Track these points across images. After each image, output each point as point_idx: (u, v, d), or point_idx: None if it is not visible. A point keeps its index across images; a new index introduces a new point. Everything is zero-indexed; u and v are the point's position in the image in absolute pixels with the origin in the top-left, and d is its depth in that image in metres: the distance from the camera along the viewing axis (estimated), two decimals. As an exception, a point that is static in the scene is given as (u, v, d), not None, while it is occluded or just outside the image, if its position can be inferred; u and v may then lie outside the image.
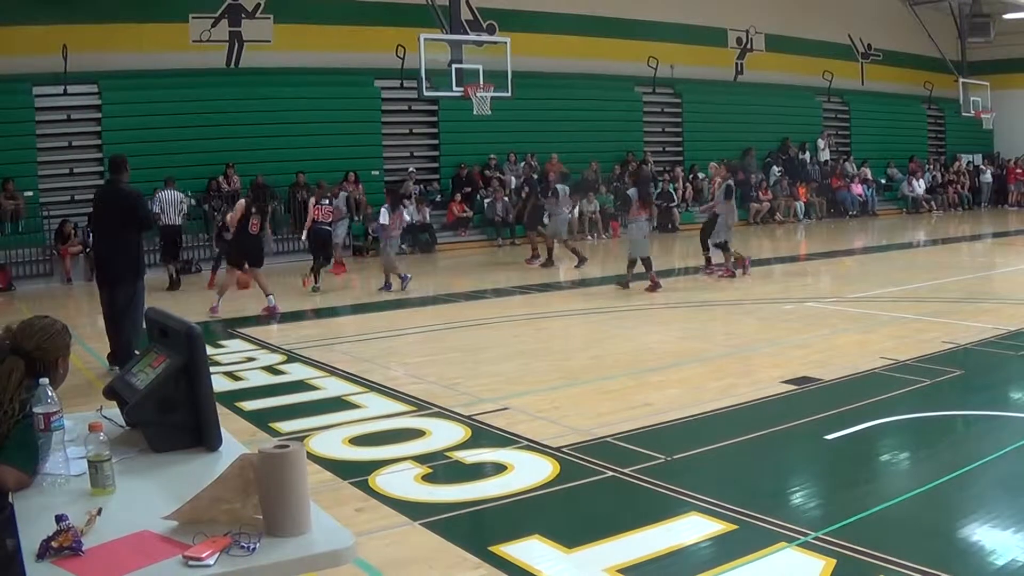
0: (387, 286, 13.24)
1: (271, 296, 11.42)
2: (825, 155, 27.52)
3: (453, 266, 17.12)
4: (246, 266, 11.52)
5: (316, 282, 13.36)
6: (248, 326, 10.63)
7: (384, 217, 13.30)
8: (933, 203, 27.98)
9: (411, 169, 20.51)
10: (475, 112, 18.38)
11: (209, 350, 3.97)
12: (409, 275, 13.35)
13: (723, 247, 13.37)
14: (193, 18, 18.72)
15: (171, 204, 14.96)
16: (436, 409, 6.59)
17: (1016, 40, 29.17)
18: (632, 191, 12.77)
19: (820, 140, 27.58)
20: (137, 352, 5.85)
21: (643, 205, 12.69)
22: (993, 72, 29.17)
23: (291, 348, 9.13)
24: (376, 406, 6.79)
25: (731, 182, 13.69)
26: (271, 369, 8.24)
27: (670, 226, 22.20)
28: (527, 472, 5.16)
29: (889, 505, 4.50)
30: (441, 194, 21.00)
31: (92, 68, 17.07)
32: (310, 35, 19.61)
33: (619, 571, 3.87)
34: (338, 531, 2.25)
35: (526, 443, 5.69)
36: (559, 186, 15.71)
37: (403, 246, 18.95)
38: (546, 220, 15.91)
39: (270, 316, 11.20)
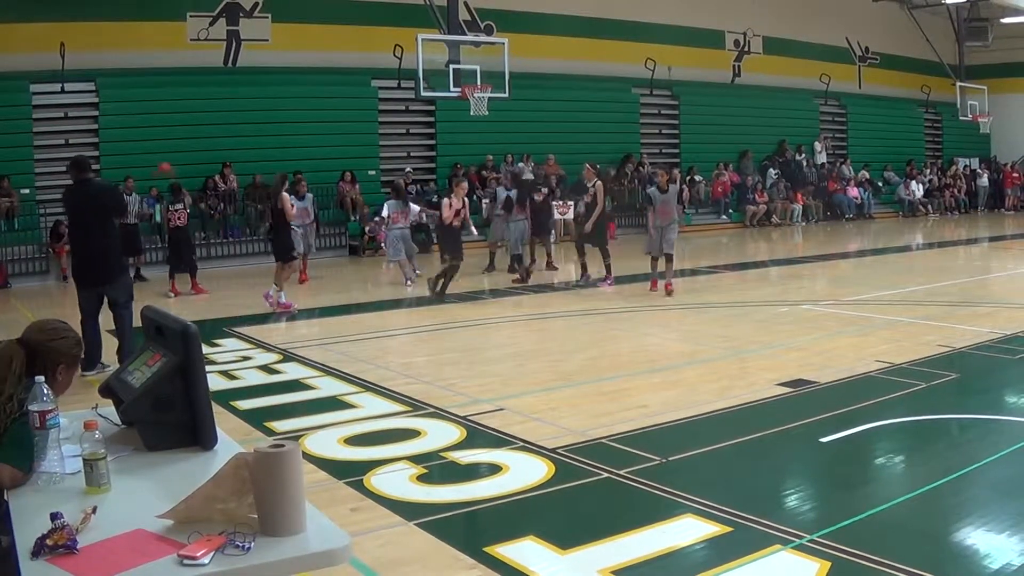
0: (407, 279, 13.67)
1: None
2: (822, 158, 27.54)
3: (450, 266, 17.06)
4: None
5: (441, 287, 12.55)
6: (244, 325, 10.62)
7: (384, 210, 13.78)
8: (929, 206, 28.04)
9: (408, 169, 20.49)
10: (472, 113, 18.38)
11: (205, 349, 3.96)
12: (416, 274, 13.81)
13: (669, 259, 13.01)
14: (191, 16, 18.72)
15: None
16: (432, 409, 6.58)
17: (1013, 44, 29.23)
18: (512, 193, 13.84)
19: (817, 143, 27.61)
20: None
21: (521, 206, 14.06)
22: (990, 76, 29.26)
23: (287, 347, 9.12)
24: (372, 406, 6.78)
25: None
26: (267, 368, 8.23)
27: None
28: (522, 473, 5.15)
29: (884, 508, 4.50)
30: (438, 194, 20.95)
31: (90, 66, 17.06)
32: (308, 34, 19.61)
33: (613, 572, 3.87)
34: (333, 531, 2.24)
35: (521, 444, 5.69)
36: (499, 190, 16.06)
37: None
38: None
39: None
